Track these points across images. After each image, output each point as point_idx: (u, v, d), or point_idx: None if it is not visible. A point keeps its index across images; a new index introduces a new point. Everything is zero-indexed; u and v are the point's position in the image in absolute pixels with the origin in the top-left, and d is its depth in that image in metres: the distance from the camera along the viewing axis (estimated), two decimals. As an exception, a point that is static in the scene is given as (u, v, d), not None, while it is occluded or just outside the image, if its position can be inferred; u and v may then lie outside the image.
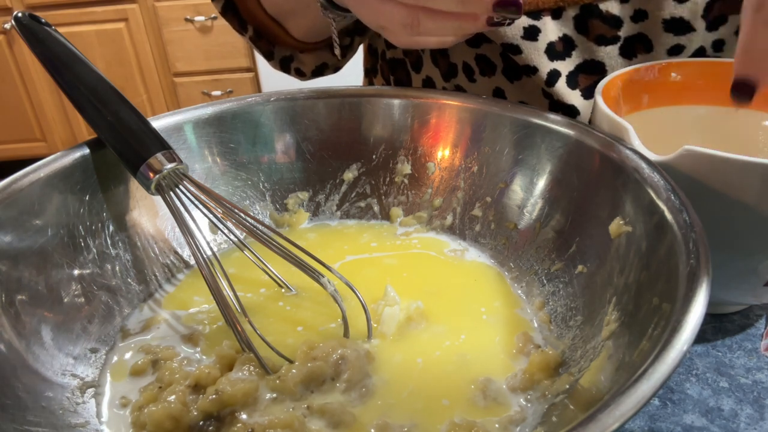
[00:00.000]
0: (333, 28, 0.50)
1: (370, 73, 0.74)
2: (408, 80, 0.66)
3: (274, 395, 0.34)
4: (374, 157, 0.50)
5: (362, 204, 0.51)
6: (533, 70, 0.54)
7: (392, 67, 0.67)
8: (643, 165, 0.35)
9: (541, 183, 0.43)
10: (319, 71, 0.63)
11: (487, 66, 0.57)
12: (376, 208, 0.51)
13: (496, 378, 0.35)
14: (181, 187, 0.39)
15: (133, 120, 0.40)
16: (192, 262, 0.46)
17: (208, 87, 2.31)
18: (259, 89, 2.29)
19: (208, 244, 0.42)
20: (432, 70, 0.62)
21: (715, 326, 0.42)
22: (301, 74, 0.63)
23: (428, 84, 0.64)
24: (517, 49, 0.53)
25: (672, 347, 0.24)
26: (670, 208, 0.32)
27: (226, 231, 0.42)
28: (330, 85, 0.51)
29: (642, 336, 0.28)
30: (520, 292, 0.43)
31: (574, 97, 0.55)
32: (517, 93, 0.57)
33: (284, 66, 0.62)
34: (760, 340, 0.41)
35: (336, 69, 0.64)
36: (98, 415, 0.34)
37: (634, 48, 0.53)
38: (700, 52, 0.53)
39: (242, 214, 0.40)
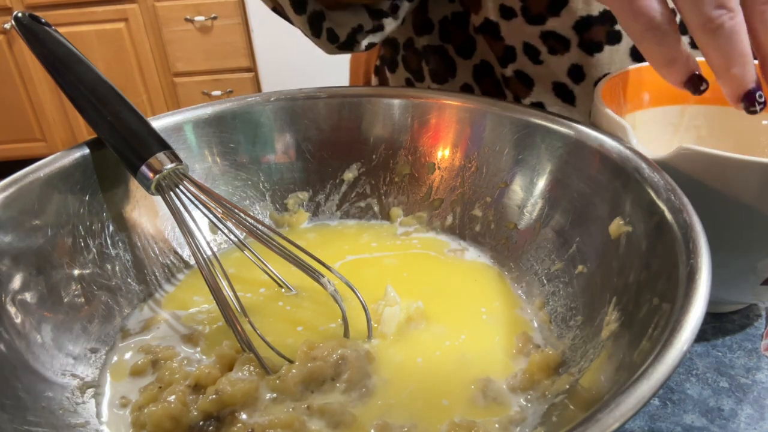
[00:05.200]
0: None
1: (382, 70, 0.69)
2: (449, 69, 0.60)
3: (274, 395, 0.34)
4: (374, 157, 0.50)
5: (362, 204, 0.51)
6: (617, 36, 0.48)
7: (425, 55, 0.61)
8: (643, 165, 0.35)
9: (541, 183, 0.43)
10: (353, 38, 0.53)
11: (558, 42, 0.52)
12: (376, 208, 0.51)
13: (496, 378, 0.35)
14: (181, 187, 0.39)
15: (133, 120, 0.40)
16: (192, 262, 0.46)
17: (208, 87, 2.31)
18: (259, 89, 2.29)
19: (208, 244, 0.42)
20: (488, 54, 0.57)
21: (715, 326, 0.42)
22: (333, 38, 0.53)
23: (483, 70, 0.58)
24: (598, 20, 0.47)
25: (672, 347, 0.24)
26: (670, 208, 0.32)
27: (226, 231, 0.42)
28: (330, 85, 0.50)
29: (642, 336, 0.28)
30: (520, 292, 0.43)
31: None
32: (601, 66, 0.52)
33: (315, 25, 0.52)
34: (760, 340, 0.41)
35: (370, 44, 0.55)
36: (98, 415, 0.34)
37: None
38: None
39: (242, 214, 0.40)
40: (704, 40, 0.33)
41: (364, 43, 0.54)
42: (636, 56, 0.52)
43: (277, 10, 0.53)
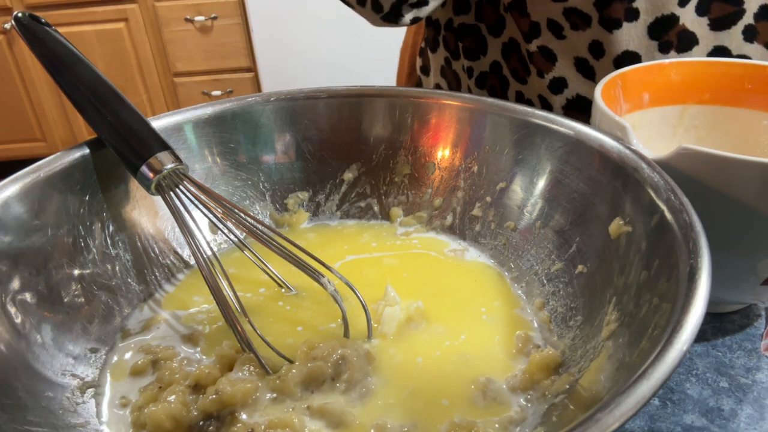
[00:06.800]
0: None
1: (425, 51, 0.71)
2: (481, 47, 0.62)
3: (274, 395, 0.34)
4: (374, 157, 0.50)
5: (362, 204, 0.51)
6: (635, 13, 0.50)
7: (460, 34, 0.64)
8: (643, 165, 0.35)
9: (541, 183, 0.43)
10: (398, 9, 0.56)
11: (580, 19, 0.53)
12: (376, 208, 0.51)
13: (496, 378, 0.35)
14: (181, 187, 0.39)
15: (133, 120, 0.40)
16: (192, 262, 0.46)
17: (208, 87, 2.31)
18: (259, 89, 2.29)
19: (208, 244, 0.42)
20: (515, 31, 0.59)
21: (715, 326, 0.42)
22: (377, 8, 0.56)
23: (510, 47, 0.60)
24: None
25: (672, 347, 0.24)
26: (670, 208, 0.32)
27: (226, 231, 0.42)
28: (334, 85, 0.51)
29: (642, 336, 0.28)
30: (520, 292, 0.43)
31: (697, 25, 0.50)
32: (620, 43, 0.54)
33: None
34: (760, 340, 0.41)
35: (414, 19, 0.58)
36: (98, 415, 0.34)
37: None
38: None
39: (242, 214, 0.40)
40: None
41: (409, 17, 0.57)
42: (653, 34, 0.53)
43: None
